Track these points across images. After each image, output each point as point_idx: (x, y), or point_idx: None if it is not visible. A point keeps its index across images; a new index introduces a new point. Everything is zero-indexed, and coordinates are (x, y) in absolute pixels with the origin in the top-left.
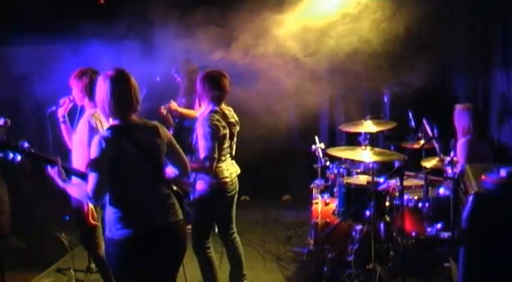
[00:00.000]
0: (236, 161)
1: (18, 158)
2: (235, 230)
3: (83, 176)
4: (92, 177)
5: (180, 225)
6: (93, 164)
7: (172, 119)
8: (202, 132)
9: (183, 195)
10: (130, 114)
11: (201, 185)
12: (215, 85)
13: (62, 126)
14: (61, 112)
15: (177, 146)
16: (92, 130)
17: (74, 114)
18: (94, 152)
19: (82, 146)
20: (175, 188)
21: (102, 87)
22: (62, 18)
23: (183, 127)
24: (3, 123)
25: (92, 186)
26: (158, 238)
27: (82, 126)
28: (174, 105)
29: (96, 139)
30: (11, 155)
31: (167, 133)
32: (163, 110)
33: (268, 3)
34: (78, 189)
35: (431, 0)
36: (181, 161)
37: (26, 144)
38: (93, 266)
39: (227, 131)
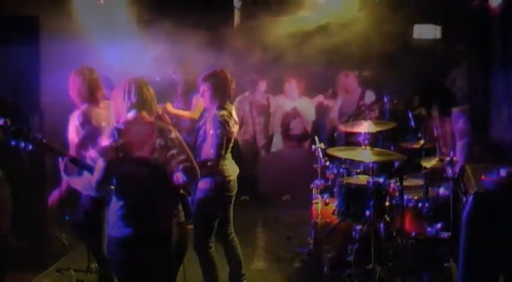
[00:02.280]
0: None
1: (30, 147)
2: (232, 229)
3: (90, 170)
4: (99, 166)
5: (181, 227)
6: (103, 153)
7: (170, 119)
8: (212, 129)
9: (186, 196)
10: (147, 113)
11: (205, 183)
12: (225, 84)
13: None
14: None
15: (188, 152)
16: (83, 126)
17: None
18: (105, 142)
19: (74, 143)
20: (182, 191)
21: (128, 86)
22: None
23: (181, 127)
24: (2, 123)
25: (97, 174)
26: (159, 239)
27: (71, 125)
28: (169, 106)
29: (109, 129)
30: (23, 144)
31: (179, 138)
32: (159, 110)
33: (269, 7)
34: (81, 182)
35: (431, 1)
36: (191, 166)
37: (38, 135)
38: (93, 266)
39: (235, 129)
